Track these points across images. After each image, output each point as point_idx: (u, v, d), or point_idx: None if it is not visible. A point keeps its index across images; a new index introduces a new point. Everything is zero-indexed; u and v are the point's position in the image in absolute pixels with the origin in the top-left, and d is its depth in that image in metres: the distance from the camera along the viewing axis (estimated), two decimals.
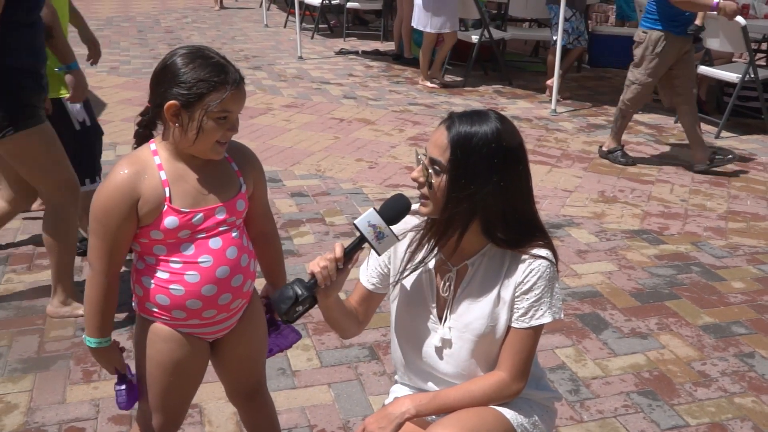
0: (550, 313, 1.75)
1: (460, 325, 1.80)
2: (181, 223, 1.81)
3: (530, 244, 1.75)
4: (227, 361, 2.08)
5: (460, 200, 1.68)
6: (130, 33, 10.88)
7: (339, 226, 4.37)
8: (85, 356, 3.04)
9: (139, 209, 1.79)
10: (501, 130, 1.68)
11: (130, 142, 1.95)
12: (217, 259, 1.86)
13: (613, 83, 8.42)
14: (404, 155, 5.64)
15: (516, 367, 1.76)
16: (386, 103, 7.25)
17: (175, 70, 1.78)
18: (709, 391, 2.93)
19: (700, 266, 4.00)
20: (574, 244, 4.23)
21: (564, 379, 2.98)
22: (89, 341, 1.90)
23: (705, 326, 3.40)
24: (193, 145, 1.81)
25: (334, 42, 10.49)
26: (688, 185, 5.23)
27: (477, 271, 1.79)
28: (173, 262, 1.84)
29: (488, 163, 1.66)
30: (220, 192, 1.87)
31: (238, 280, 1.91)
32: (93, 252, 1.83)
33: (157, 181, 1.81)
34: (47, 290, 3.52)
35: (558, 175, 5.34)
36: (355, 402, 2.81)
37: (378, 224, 1.69)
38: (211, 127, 1.78)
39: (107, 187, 1.81)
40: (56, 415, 2.70)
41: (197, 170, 1.85)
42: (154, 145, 1.87)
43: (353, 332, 1.96)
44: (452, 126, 1.69)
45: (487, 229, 1.73)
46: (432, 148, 1.71)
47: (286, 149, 5.76)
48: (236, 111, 1.82)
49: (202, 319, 1.91)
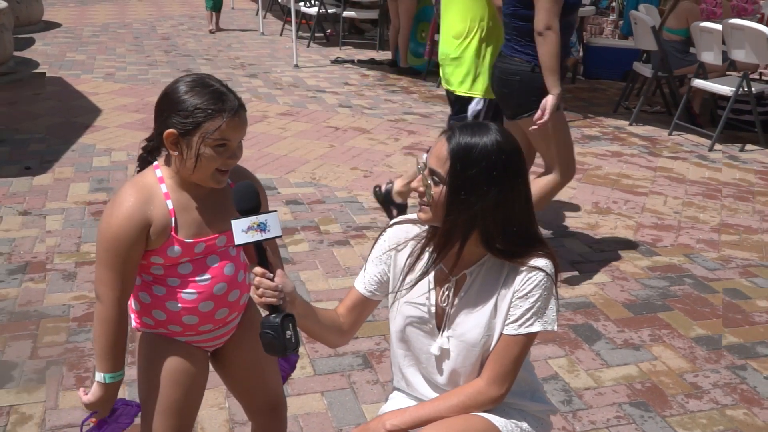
0: (541, 323, 1.74)
1: (457, 335, 1.80)
2: (183, 251, 1.82)
3: (529, 254, 1.75)
4: (233, 372, 2.08)
5: (459, 212, 1.69)
6: (126, 39, 10.89)
7: (333, 234, 4.37)
8: (77, 362, 3.03)
9: (150, 235, 1.78)
10: (501, 142, 1.69)
11: (125, 148, 1.96)
12: (215, 277, 1.86)
13: (607, 95, 8.46)
14: (399, 164, 5.65)
15: (494, 372, 1.75)
16: (382, 112, 7.27)
17: (174, 98, 1.77)
18: (701, 402, 2.94)
19: (693, 278, 4.01)
20: (568, 254, 4.24)
21: (557, 390, 2.99)
22: (105, 378, 1.83)
23: (697, 338, 3.42)
24: (193, 173, 1.80)
25: (330, 51, 10.52)
26: (682, 197, 5.25)
27: (475, 281, 1.79)
28: (171, 279, 1.84)
29: (488, 175, 1.67)
30: (222, 221, 1.83)
31: (235, 294, 1.92)
32: (104, 284, 1.80)
33: (165, 210, 1.80)
34: (41, 295, 3.51)
35: None
36: (349, 410, 2.81)
37: (250, 224, 1.61)
38: (209, 155, 1.76)
39: (117, 216, 1.78)
40: (48, 420, 2.69)
41: (201, 199, 1.85)
42: (159, 171, 1.86)
43: (335, 341, 1.93)
44: (452, 137, 1.70)
45: (487, 241, 1.73)
46: (432, 159, 1.72)
47: (281, 157, 5.76)
48: (235, 139, 1.80)
49: (198, 333, 1.91)
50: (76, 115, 6.72)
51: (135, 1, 15.59)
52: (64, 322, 3.34)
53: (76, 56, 9.42)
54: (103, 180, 5.09)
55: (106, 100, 7.26)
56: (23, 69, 8.48)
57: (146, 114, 6.77)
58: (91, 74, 8.40)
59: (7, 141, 5.86)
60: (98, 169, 5.33)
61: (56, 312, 3.42)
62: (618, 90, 8.41)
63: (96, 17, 13.11)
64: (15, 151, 5.66)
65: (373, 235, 4.29)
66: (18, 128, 6.24)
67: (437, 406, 1.78)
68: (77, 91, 7.60)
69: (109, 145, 5.80)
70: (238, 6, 14.88)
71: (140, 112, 6.83)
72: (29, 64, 8.80)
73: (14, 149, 5.69)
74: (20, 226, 4.33)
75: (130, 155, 5.49)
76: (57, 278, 3.73)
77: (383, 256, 1.89)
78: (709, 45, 6.45)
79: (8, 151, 5.66)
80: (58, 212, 4.54)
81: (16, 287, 3.63)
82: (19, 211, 4.54)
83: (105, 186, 4.98)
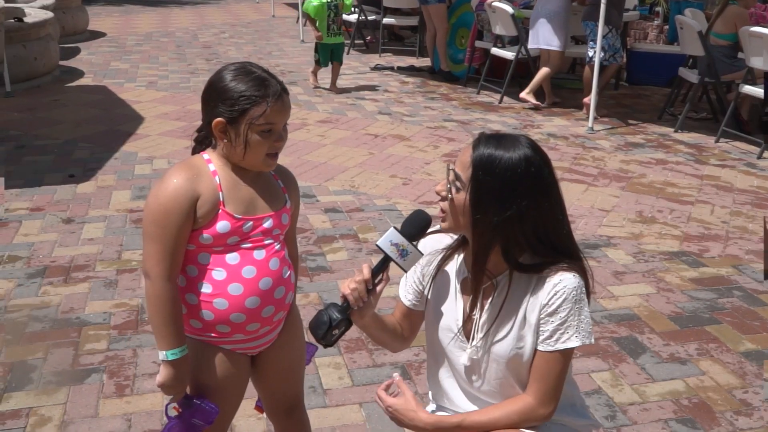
0: (578, 337, 1.71)
1: (486, 346, 1.78)
2: (232, 228, 1.83)
3: (556, 267, 1.71)
4: (269, 374, 2.08)
5: (483, 222, 1.67)
6: (168, 48, 11.04)
7: (372, 242, 4.35)
8: (118, 370, 3.05)
9: (198, 209, 1.80)
10: (530, 157, 1.66)
11: (167, 156, 1.98)
12: (261, 270, 1.87)
13: (651, 101, 8.31)
14: (438, 172, 5.60)
15: (542, 391, 1.72)
16: (421, 119, 7.24)
17: (219, 87, 1.82)
18: (751, 420, 2.84)
19: (742, 290, 3.90)
20: (611, 265, 4.15)
21: (600, 405, 2.91)
22: (168, 355, 1.82)
23: (747, 353, 3.31)
24: (243, 159, 1.84)
25: (370, 57, 10.53)
26: (729, 206, 5.12)
27: (502, 291, 1.76)
28: (216, 272, 1.84)
29: (511, 189, 1.64)
30: (269, 203, 1.90)
31: (281, 292, 1.92)
32: (152, 258, 1.80)
33: (213, 184, 1.83)
34: (82, 302, 3.55)
35: (595, 194, 5.26)
36: (387, 422, 2.77)
37: (400, 242, 1.73)
38: (257, 140, 1.81)
39: (165, 189, 1.80)
40: (89, 429, 2.71)
41: (248, 180, 1.89)
42: (207, 155, 1.90)
43: (398, 347, 2.01)
44: (478, 146, 1.69)
45: (507, 254, 1.71)
46: (458, 163, 1.73)
47: (320, 165, 5.76)
48: (280, 123, 1.84)
49: (246, 333, 1.91)
50: (119, 124, 6.81)
51: (177, 10, 15.82)
52: (104, 330, 3.36)
53: (119, 65, 9.58)
54: (144, 188, 5.14)
55: (149, 109, 7.35)
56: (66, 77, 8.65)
57: (187, 122, 6.84)
58: (134, 83, 8.53)
59: (28, 146, 5.97)
60: (140, 176, 5.39)
61: (97, 319, 3.45)
62: (663, 96, 8.24)
63: (139, 26, 13.33)
64: (59, 159, 5.76)
65: None
66: (38, 134, 6.36)
67: (483, 421, 1.75)
68: (120, 99, 7.72)
69: (151, 153, 5.87)
70: (279, 14, 15.00)
71: (182, 120, 6.90)
72: (74, 73, 8.98)
73: (59, 157, 5.79)
74: (63, 233, 4.39)
75: (172, 162, 5.54)
76: (99, 286, 3.77)
77: (419, 266, 1.89)
78: (759, 50, 6.28)
79: (53, 159, 5.76)
80: (100, 220, 4.60)
81: (57, 295, 3.68)
82: (63, 219, 4.61)
83: (146, 194, 5.03)
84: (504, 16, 7.69)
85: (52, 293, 3.69)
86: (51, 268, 3.96)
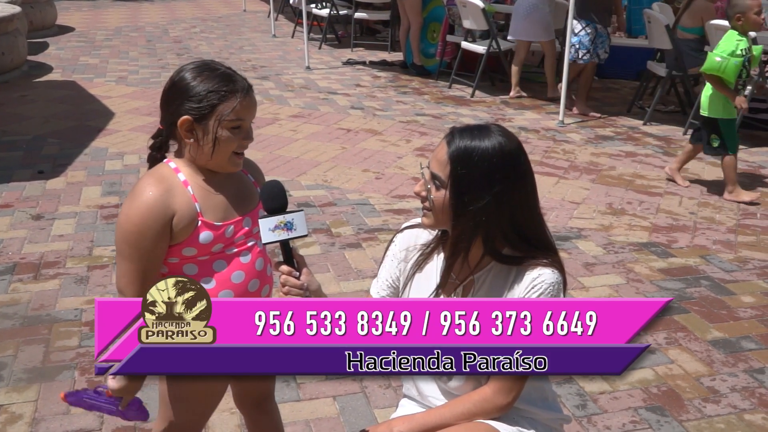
0: None
1: None
2: (215, 236, 1.82)
3: (535, 261, 1.72)
4: None
5: (464, 216, 1.68)
6: (138, 43, 10.92)
7: (345, 237, 4.36)
8: (89, 367, 3.03)
9: (174, 226, 1.77)
10: (503, 144, 1.67)
11: (137, 151, 1.96)
12: (249, 274, 1.88)
13: (620, 94, 8.40)
14: (411, 166, 5.62)
15: (500, 381, 1.72)
16: (393, 113, 7.25)
17: (184, 85, 1.79)
18: (718, 407, 2.90)
19: (709, 280, 3.97)
20: (582, 256, 4.20)
21: (571, 394, 2.95)
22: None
23: (714, 341, 3.37)
24: (211, 158, 1.80)
25: (342, 52, 10.51)
26: (697, 198, 5.20)
27: (483, 286, 1.77)
28: (205, 281, 1.82)
29: (489, 178, 1.66)
30: (244, 203, 1.89)
31: (266, 290, 1.95)
32: (125, 277, 1.78)
33: (187, 197, 1.80)
34: (53, 299, 3.51)
35: (565, 187, 5.32)
36: (361, 415, 2.79)
37: (277, 222, 1.65)
38: (226, 137, 1.78)
39: (138, 208, 1.76)
40: (60, 426, 2.69)
41: (219, 184, 1.86)
42: (173, 163, 1.86)
43: None
44: (452, 141, 1.69)
45: (489, 246, 1.72)
46: (433, 162, 1.72)
47: (293, 159, 5.75)
48: (249, 119, 1.83)
49: None
50: (89, 119, 6.74)
51: (147, 5, 15.65)
52: (76, 327, 3.34)
53: (89, 60, 9.46)
54: (115, 183, 5.10)
55: (119, 104, 7.28)
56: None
57: (158, 117, 6.77)
58: (104, 78, 8.43)
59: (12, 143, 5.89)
60: (110, 172, 5.34)
61: (68, 316, 3.42)
62: (632, 89, 8.34)
63: (109, 21, 13.17)
64: (28, 155, 5.68)
65: (385, 237, 4.27)
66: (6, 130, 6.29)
67: (443, 414, 1.76)
68: (90, 95, 7.63)
69: (122, 149, 5.82)
70: (250, 8, 14.91)
71: (152, 116, 6.84)
72: (43, 68, 8.86)
73: (28, 153, 5.72)
74: (33, 230, 4.34)
75: (142, 158, 5.49)
76: (69, 282, 3.73)
77: (394, 261, 1.89)
78: None
79: (21, 155, 5.68)
80: (70, 216, 4.55)
81: (27, 292, 3.64)
82: (32, 215, 4.55)
83: (117, 189, 4.99)
84: (475, 10, 7.72)
85: (22, 290, 3.65)
86: (20, 264, 3.92)
